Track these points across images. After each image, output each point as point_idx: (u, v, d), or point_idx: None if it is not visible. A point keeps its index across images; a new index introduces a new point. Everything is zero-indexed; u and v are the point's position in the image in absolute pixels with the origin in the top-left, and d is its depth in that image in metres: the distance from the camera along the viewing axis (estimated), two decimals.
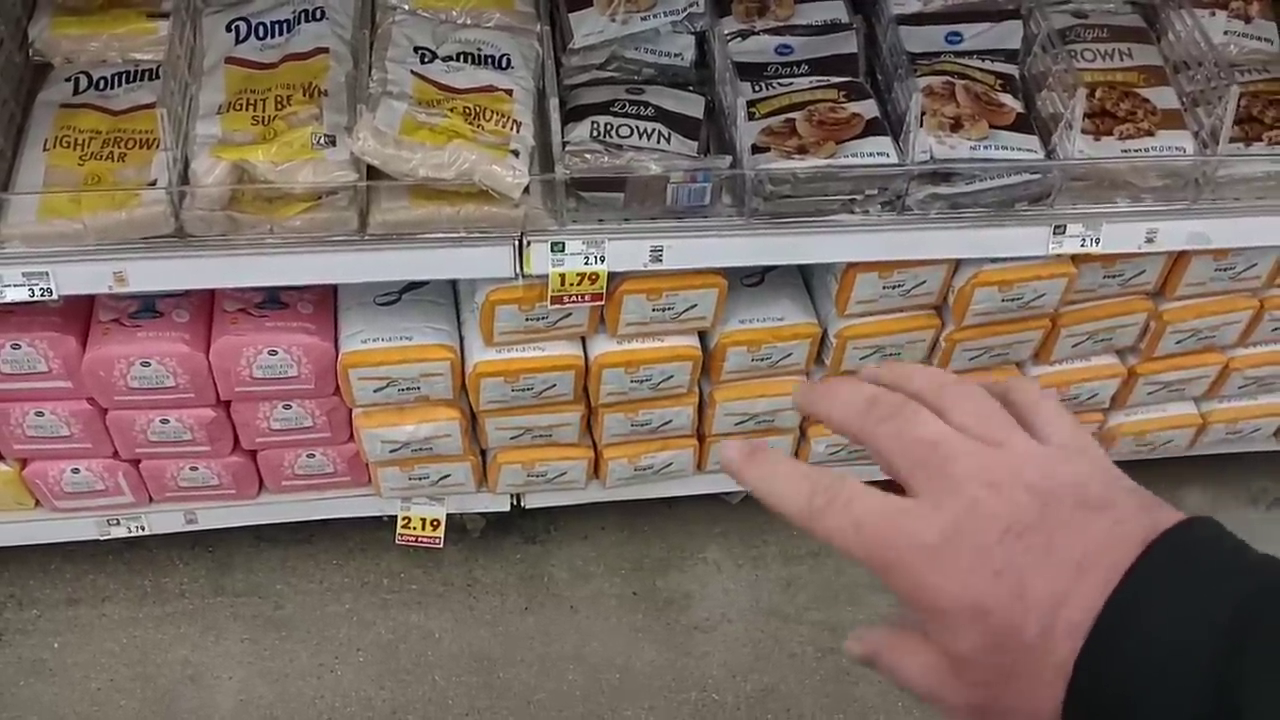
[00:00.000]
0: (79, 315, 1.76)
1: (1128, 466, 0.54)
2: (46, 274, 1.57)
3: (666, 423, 2.04)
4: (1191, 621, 0.45)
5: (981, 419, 0.52)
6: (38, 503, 2.01)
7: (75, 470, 1.92)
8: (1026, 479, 0.49)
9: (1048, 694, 0.47)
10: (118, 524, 2.06)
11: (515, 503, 2.20)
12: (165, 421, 1.84)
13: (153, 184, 1.55)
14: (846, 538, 0.51)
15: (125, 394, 1.78)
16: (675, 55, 1.81)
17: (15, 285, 1.57)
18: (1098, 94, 1.78)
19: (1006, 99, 1.75)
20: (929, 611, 0.49)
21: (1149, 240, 1.81)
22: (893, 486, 0.52)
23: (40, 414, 1.82)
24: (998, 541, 0.48)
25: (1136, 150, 1.75)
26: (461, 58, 1.70)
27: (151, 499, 2.03)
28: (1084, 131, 1.72)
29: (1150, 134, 1.76)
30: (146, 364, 1.74)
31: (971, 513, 0.49)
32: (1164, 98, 1.80)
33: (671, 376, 1.94)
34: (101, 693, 2.09)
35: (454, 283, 1.94)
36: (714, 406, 2.02)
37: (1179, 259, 1.93)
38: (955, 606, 0.48)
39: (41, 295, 1.58)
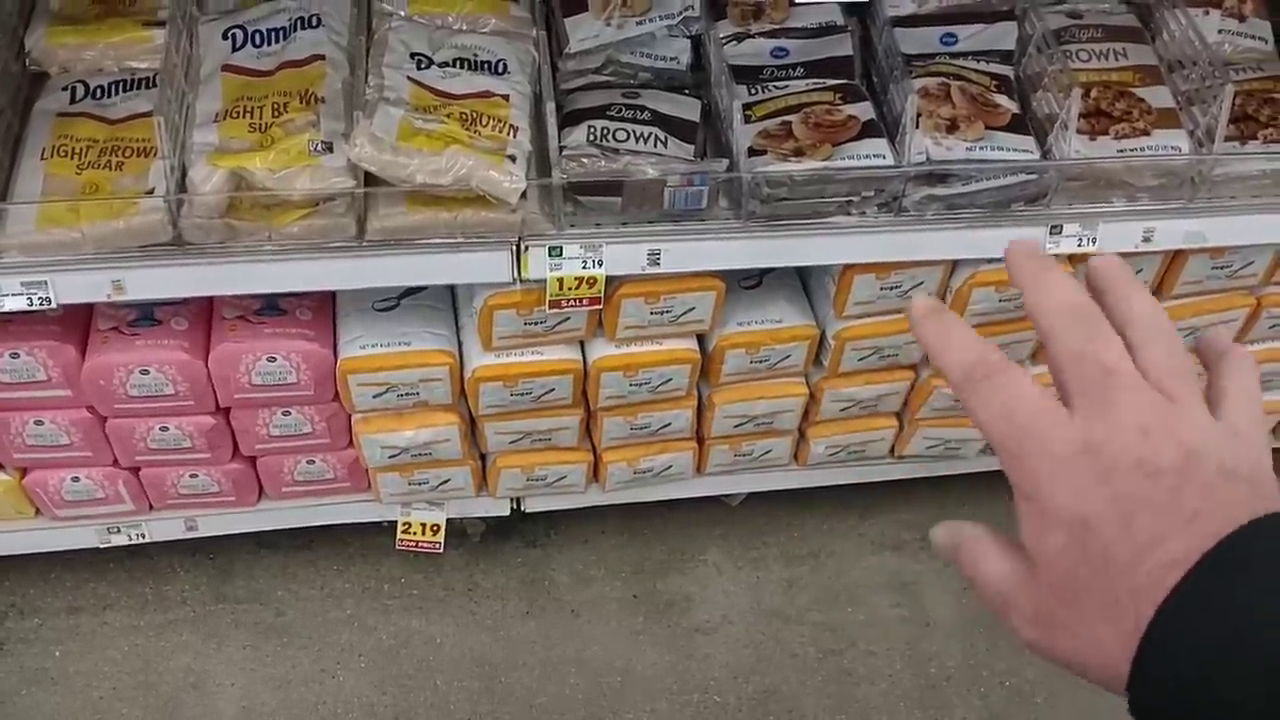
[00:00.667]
0: (78, 324, 1.76)
1: None
2: (45, 283, 1.57)
3: (666, 425, 2.04)
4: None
5: (1169, 371, 0.52)
6: (38, 511, 2.02)
7: (75, 479, 1.92)
8: (1181, 436, 0.50)
9: (1114, 620, 0.48)
10: (118, 532, 2.06)
11: (515, 507, 2.21)
12: (165, 429, 1.84)
13: (150, 192, 1.56)
14: (991, 416, 0.52)
15: (125, 402, 1.78)
16: (671, 59, 1.81)
17: (14, 295, 1.57)
18: (1093, 94, 1.79)
19: (1002, 100, 1.75)
20: (1035, 507, 0.51)
21: (1146, 239, 1.82)
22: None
23: (40, 423, 1.82)
24: (1126, 472, 0.49)
25: (1132, 150, 1.75)
26: (458, 63, 1.70)
27: (151, 507, 2.03)
28: (1079, 131, 1.72)
29: (1146, 133, 1.77)
30: (146, 372, 1.74)
31: (1114, 442, 0.50)
32: (1159, 97, 1.81)
33: (670, 379, 1.94)
34: (104, 701, 2.09)
35: (452, 287, 1.95)
36: (713, 409, 2.03)
37: (1175, 258, 1.94)
38: (1062, 512, 0.50)
39: (40, 304, 1.59)
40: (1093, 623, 0.49)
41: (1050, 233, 1.77)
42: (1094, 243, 1.79)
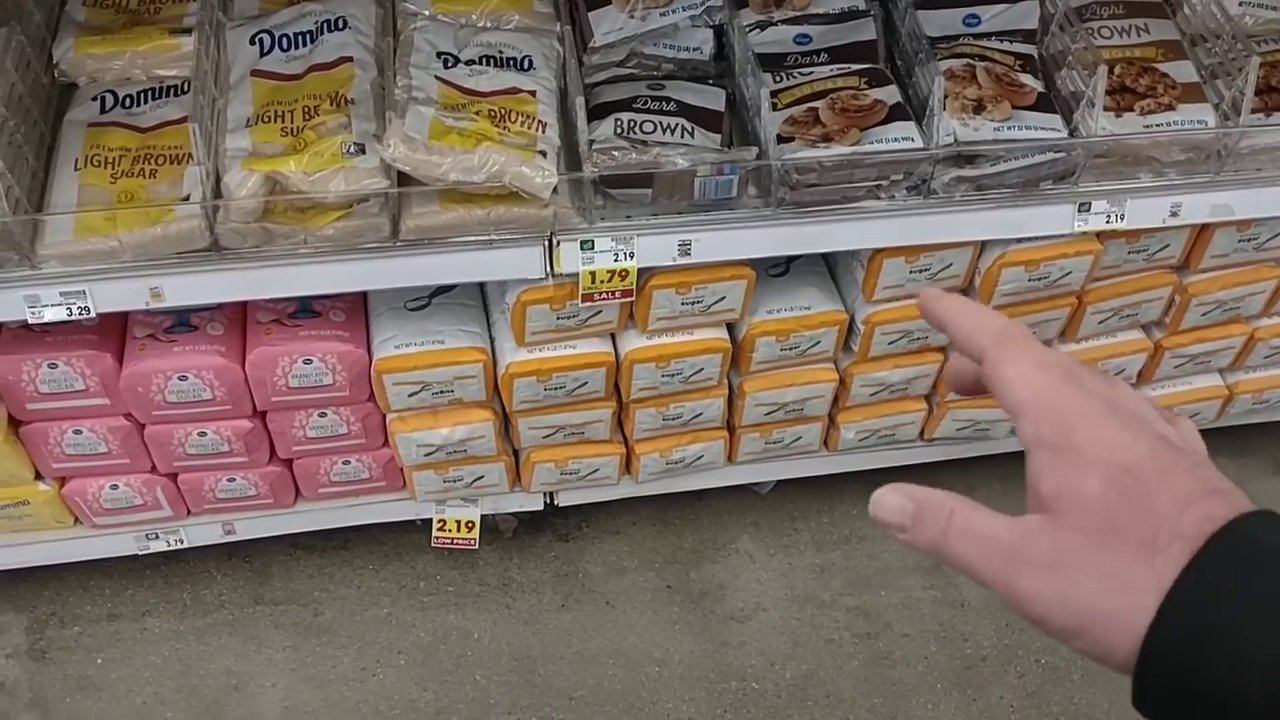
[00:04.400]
0: (114, 332, 1.77)
1: None
2: (84, 292, 1.58)
3: (697, 415, 2.05)
4: None
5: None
6: (76, 520, 2.03)
7: (114, 486, 1.94)
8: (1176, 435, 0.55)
9: (1154, 562, 0.48)
10: (156, 538, 2.07)
11: (548, 501, 2.22)
12: (203, 434, 1.85)
13: (186, 199, 1.57)
14: (1024, 380, 0.53)
15: (163, 408, 1.79)
16: (694, 49, 1.82)
17: (53, 305, 1.59)
18: (1117, 70, 1.79)
19: (1027, 79, 1.75)
20: (1067, 456, 0.51)
21: (1173, 214, 1.82)
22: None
23: (78, 432, 1.83)
24: (1153, 437, 0.52)
25: (1158, 125, 1.75)
26: (484, 61, 1.71)
27: (190, 512, 2.05)
28: (1105, 109, 1.73)
29: (1171, 108, 1.77)
30: (184, 378, 1.75)
31: (1131, 409, 0.53)
32: (1183, 71, 1.81)
33: (702, 369, 1.95)
34: (147, 706, 2.10)
35: (482, 285, 1.96)
36: (744, 397, 2.03)
37: (1202, 231, 1.94)
38: (1103, 458, 0.50)
39: (79, 314, 1.60)
40: (1127, 561, 0.49)
41: (1079, 210, 1.77)
42: (1122, 219, 1.79)
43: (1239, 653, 0.45)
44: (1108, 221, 1.79)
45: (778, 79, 1.77)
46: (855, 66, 1.77)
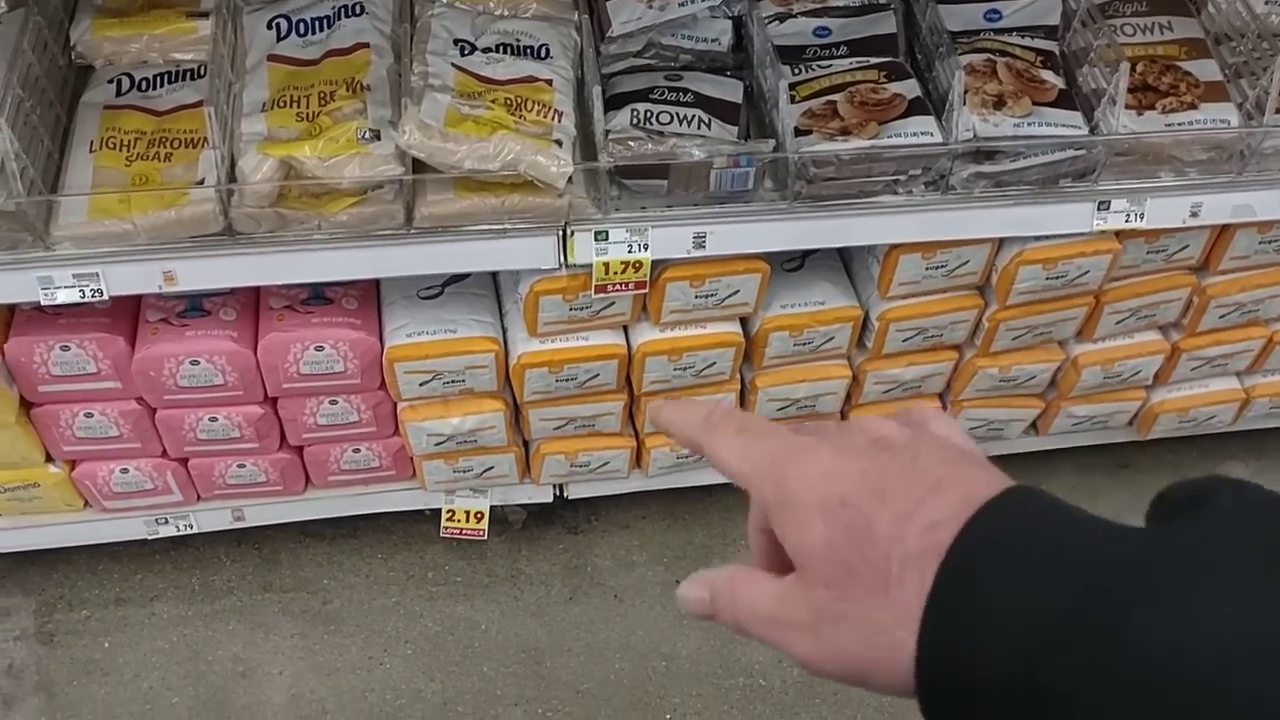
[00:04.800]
0: (126, 316, 1.77)
1: (1169, 444, 0.54)
2: (97, 274, 1.58)
3: None
4: (1035, 576, 0.44)
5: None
6: (86, 504, 2.03)
7: (124, 470, 1.94)
8: (898, 428, 0.52)
9: (893, 594, 0.46)
10: (166, 523, 2.07)
11: (558, 493, 2.21)
12: (214, 419, 1.85)
13: (201, 182, 1.56)
14: (732, 450, 0.53)
15: (174, 393, 1.79)
16: (712, 40, 1.81)
17: (66, 287, 1.58)
18: (1139, 68, 1.77)
19: (1048, 75, 1.74)
20: (790, 510, 0.50)
21: (1193, 214, 1.80)
22: None
23: (90, 415, 1.83)
24: (865, 449, 0.50)
25: (1180, 124, 1.73)
26: (501, 49, 1.70)
27: (199, 497, 2.05)
28: (1127, 106, 1.71)
29: (1193, 107, 1.75)
30: (195, 362, 1.75)
31: (844, 430, 0.52)
32: (1206, 70, 1.79)
33: (714, 363, 1.94)
34: (153, 691, 2.10)
35: (495, 274, 1.95)
36: (756, 392, 2.02)
37: (1223, 232, 1.92)
38: (816, 499, 0.49)
39: (92, 296, 1.59)
40: (873, 604, 0.47)
41: (1098, 209, 1.76)
42: (1142, 218, 1.77)
43: (984, 659, 0.43)
44: (1127, 221, 1.77)
45: (796, 71, 1.75)
46: (875, 60, 1.75)
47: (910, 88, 1.71)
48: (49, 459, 1.92)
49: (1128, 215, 1.77)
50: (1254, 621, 0.38)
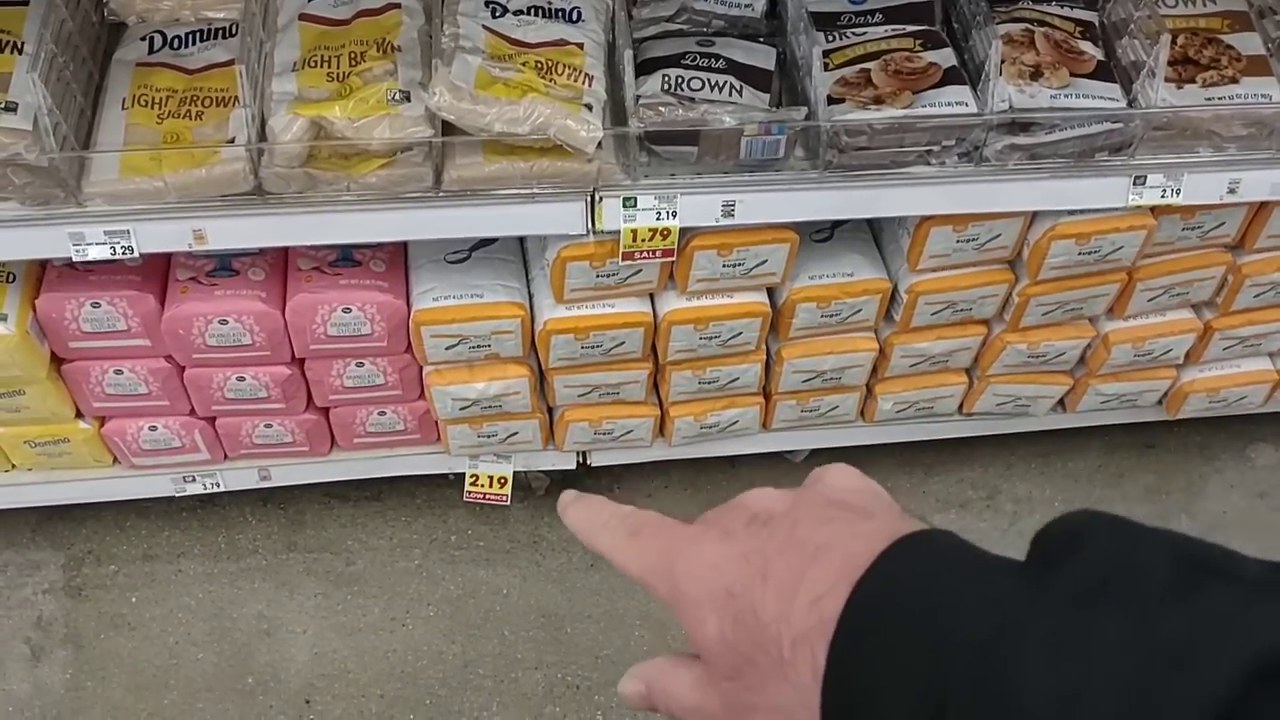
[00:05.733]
0: (157, 274, 1.78)
1: (1199, 424, 0.53)
2: (128, 232, 1.59)
3: (734, 380, 2.04)
4: (918, 644, 0.43)
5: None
6: (115, 460, 2.05)
7: (153, 428, 1.95)
8: (786, 497, 0.52)
9: (789, 677, 0.46)
10: (193, 480, 2.09)
11: (581, 460, 2.21)
12: (241, 379, 1.86)
13: (231, 141, 1.56)
14: (627, 555, 0.53)
15: (203, 351, 1.80)
16: (745, 6, 1.79)
17: (98, 243, 1.59)
18: (1180, 41, 1.74)
19: (1087, 46, 1.71)
20: (687, 609, 0.50)
21: (1231, 191, 1.77)
22: None
23: (119, 372, 1.85)
24: (744, 529, 0.50)
25: (1221, 98, 1.70)
26: (532, 11, 1.68)
27: (226, 456, 2.06)
28: (1166, 79, 1.68)
29: (1235, 81, 1.72)
30: (224, 322, 1.76)
31: (726, 511, 0.52)
32: (1249, 44, 1.76)
33: (740, 333, 1.93)
34: (179, 646, 2.13)
35: (522, 240, 1.94)
36: (781, 364, 2.01)
37: (1260, 210, 1.89)
38: (704, 592, 0.49)
39: (122, 254, 1.60)
40: (774, 690, 0.47)
41: (1134, 184, 1.73)
42: (1178, 194, 1.75)
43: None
44: (1163, 196, 1.75)
45: (830, 39, 1.73)
46: (910, 28, 1.73)
47: (946, 57, 1.69)
48: (79, 415, 1.94)
49: (1164, 191, 1.75)
50: (1119, 679, 0.38)
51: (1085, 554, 0.42)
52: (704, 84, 1.67)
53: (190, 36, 1.69)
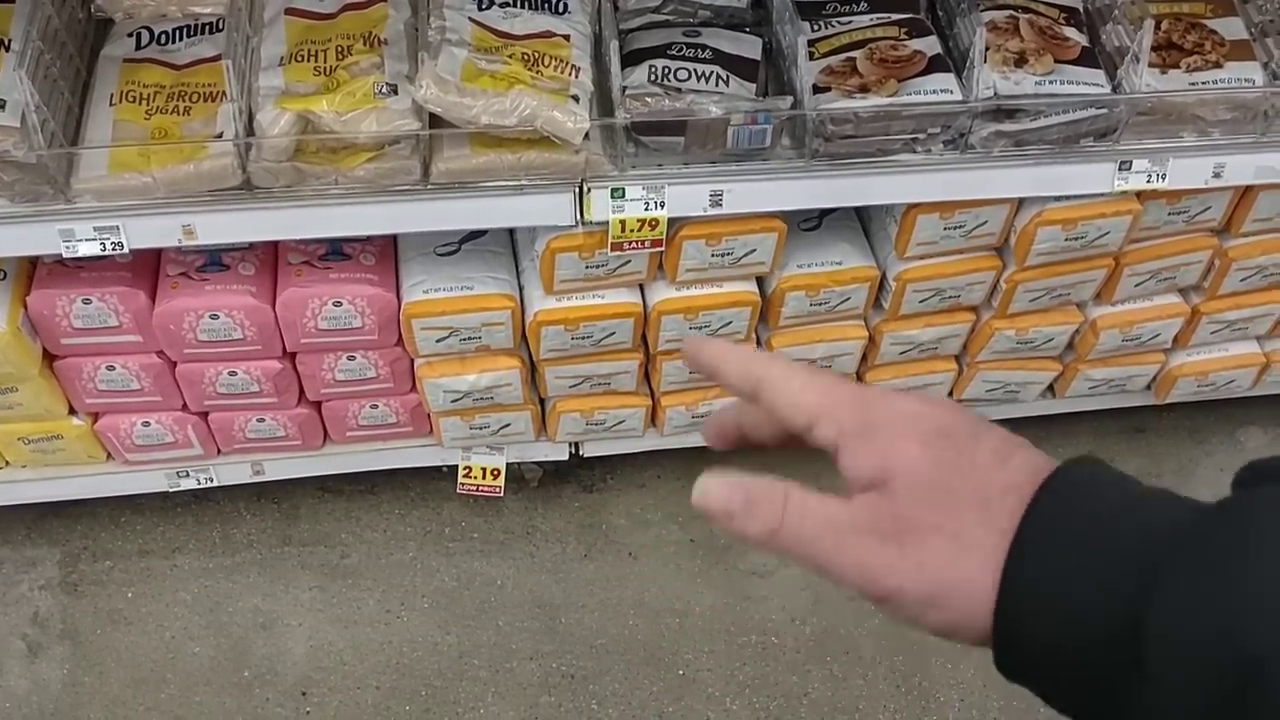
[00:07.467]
0: (147, 270, 1.79)
1: (1188, 408, 0.57)
2: (117, 228, 1.60)
3: None
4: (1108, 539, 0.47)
5: None
6: (109, 456, 2.06)
7: (146, 423, 1.96)
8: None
9: (988, 515, 0.48)
10: (187, 476, 2.10)
11: (574, 451, 2.22)
12: (233, 374, 1.87)
13: (219, 136, 1.57)
14: (810, 386, 0.54)
15: (194, 347, 1.81)
16: None
17: (87, 239, 1.60)
18: (1164, 26, 1.75)
19: (1071, 33, 1.72)
20: (874, 436, 0.51)
21: (1216, 175, 1.78)
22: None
23: (111, 368, 1.85)
24: (950, 406, 0.53)
25: (1204, 83, 1.71)
26: (518, 3, 1.69)
27: (219, 451, 2.07)
28: (1150, 65, 1.69)
29: (1218, 66, 1.73)
30: (215, 316, 1.76)
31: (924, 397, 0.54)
32: (1232, 29, 1.77)
33: (730, 322, 1.94)
34: (176, 641, 2.14)
35: (512, 231, 1.95)
36: (771, 352, 2.02)
37: (1245, 194, 1.90)
38: (909, 427, 0.51)
39: (112, 249, 1.61)
40: (970, 518, 0.48)
41: (1119, 169, 1.74)
42: (1164, 179, 1.76)
43: (1071, 604, 0.45)
44: (1148, 181, 1.76)
45: (815, 28, 1.74)
46: (895, 16, 1.73)
47: (931, 44, 1.70)
48: (72, 411, 1.95)
49: (1149, 176, 1.75)
50: None
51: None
52: (690, 74, 1.68)
53: (177, 32, 1.70)
